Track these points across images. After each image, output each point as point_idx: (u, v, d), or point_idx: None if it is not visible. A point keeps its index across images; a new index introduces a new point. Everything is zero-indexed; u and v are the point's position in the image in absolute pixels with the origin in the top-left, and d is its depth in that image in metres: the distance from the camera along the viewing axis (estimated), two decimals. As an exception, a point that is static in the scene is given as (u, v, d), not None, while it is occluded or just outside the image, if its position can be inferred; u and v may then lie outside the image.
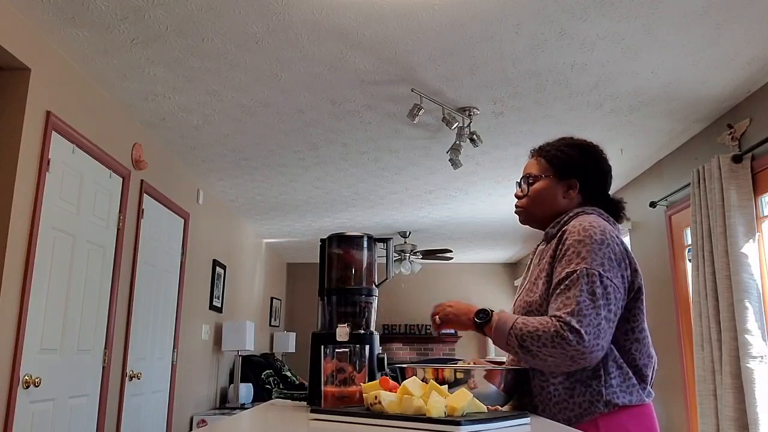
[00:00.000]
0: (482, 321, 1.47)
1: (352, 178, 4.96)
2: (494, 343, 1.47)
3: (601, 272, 1.39)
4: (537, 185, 1.60)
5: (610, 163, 1.65)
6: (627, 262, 1.45)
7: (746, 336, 3.12)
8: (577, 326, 1.34)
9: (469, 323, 1.49)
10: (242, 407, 5.58)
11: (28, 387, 2.73)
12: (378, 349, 1.57)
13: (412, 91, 3.32)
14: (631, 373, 1.42)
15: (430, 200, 5.62)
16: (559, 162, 1.59)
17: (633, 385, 1.42)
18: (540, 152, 1.64)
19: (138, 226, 3.87)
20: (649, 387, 1.45)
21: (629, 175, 4.81)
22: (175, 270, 4.54)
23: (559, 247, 1.47)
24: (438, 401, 1.10)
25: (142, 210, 3.92)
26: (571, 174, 1.58)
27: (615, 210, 1.60)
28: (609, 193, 1.64)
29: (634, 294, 1.46)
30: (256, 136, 4.05)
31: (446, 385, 1.23)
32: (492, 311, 1.48)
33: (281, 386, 6.39)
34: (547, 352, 1.36)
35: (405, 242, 7.11)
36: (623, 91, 3.35)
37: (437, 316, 1.55)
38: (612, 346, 1.42)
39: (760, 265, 3.22)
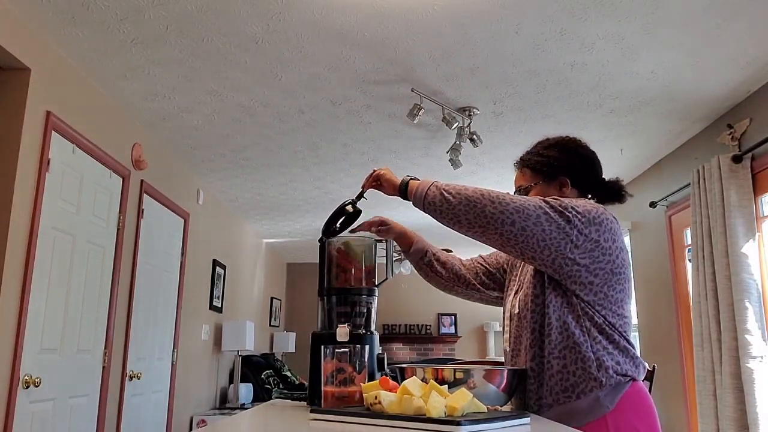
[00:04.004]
0: (410, 178, 1.55)
1: (352, 179, 4.95)
2: (414, 199, 1.51)
3: (573, 207, 1.41)
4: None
5: (610, 163, 1.65)
6: (613, 237, 1.44)
7: (746, 336, 3.12)
8: (506, 192, 1.39)
9: (395, 186, 1.58)
10: (242, 407, 5.58)
11: (28, 387, 2.73)
12: (378, 349, 1.57)
13: (412, 91, 3.32)
14: (616, 337, 1.42)
15: (430, 200, 5.62)
16: (542, 166, 1.61)
17: (623, 353, 1.41)
18: (522, 163, 1.67)
19: (138, 226, 3.87)
20: (638, 366, 1.44)
21: (629, 175, 4.80)
22: (175, 270, 4.54)
23: None
24: (438, 401, 1.10)
25: (142, 210, 3.92)
26: (558, 173, 1.59)
27: (614, 192, 1.61)
28: (604, 177, 1.64)
29: (615, 269, 1.43)
30: (256, 136, 4.05)
31: (446, 385, 1.23)
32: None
33: (281, 386, 6.39)
34: (461, 198, 1.41)
35: (405, 242, 7.11)
36: (623, 91, 3.35)
37: (372, 180, 1.67)
38: (594, 312, 1.42)
39: (760, 265, 3.22)
